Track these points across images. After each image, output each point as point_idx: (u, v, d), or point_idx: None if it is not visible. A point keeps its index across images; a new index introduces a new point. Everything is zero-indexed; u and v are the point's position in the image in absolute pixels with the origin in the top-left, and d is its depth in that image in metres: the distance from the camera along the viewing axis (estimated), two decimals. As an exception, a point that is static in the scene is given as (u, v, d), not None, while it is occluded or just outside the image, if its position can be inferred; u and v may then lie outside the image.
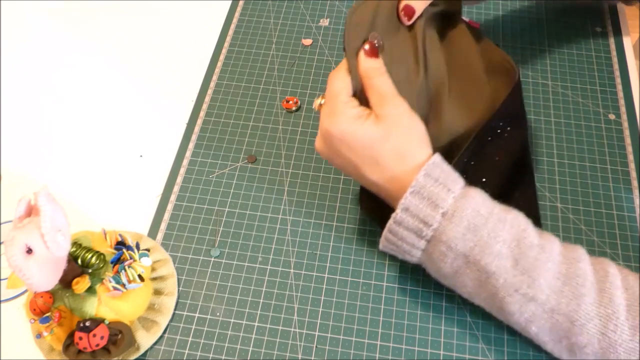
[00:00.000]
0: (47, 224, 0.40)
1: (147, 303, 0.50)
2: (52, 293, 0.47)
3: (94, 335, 0.45)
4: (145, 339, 0.49)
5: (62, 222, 0.43)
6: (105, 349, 0.46)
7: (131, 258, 0.49)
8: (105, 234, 0.50)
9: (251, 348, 0.50)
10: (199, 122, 0.64)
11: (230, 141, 0.62)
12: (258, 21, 0.73)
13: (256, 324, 0.51)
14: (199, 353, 0.49)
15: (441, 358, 0.49)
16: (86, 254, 0.47)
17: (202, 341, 0.50)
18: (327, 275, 0.53)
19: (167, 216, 0.57)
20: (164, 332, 0.50)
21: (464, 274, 0.42)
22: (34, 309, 0.47)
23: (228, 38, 0.71)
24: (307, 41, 0.70)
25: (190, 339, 0.50)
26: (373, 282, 0.53)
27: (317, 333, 0.50)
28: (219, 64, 0.69)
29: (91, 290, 0.47)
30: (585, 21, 0.71)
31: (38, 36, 0.72)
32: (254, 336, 0.50)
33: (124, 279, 0.47)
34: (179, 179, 0.59)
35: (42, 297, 0.47)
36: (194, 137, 0.62)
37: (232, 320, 0.51)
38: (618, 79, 0.66)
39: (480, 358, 0.49)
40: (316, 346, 0.50)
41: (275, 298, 0.52)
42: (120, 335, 0.47)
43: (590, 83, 0.66)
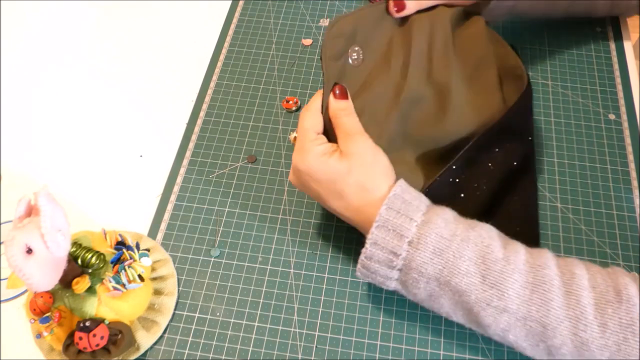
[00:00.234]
0: (47, 224, 0.40)
1: (147, 303, 0.50)
2: (52, 293, 0.47)
3: (94, 335, 0.45)
4: (145, 339, 0.49)
5: (62, 222, 0.43)
6: (105, 349, 0.46)
7: (131, 258, 0.49)
8: (105, 234, 0.50)
9: (251, 348, 0.50)
10: (199, 122, 0.64)
11: (230, 141, 0.62)
12: (258, 21, 0.73)
13: (256, 324, 0.51)
14: (199, 353, 0.49)
15: (441, 358, 0.49)
16: (86, 254, 0.47)
17: (202, 341, 0.50)
18: (327, 275, 0.53)
19: (167, 216, 0.57)
20: (164, 332, 0.50)
21: (439, 296, 0.44)
22: (34, 309, 0.47)
23: (228, 38, 0.71)
24: (307, 41, 0.70)
25: (190, 339, 0.50)
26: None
27: (317, 333, 0.50)
28: (219, 64, 0.69)
29: (91, 290, 0.47)
30: (585, 21, 0.71)
31: (38, 36, 0.72)
32: (254, 336, 0.50)
33: (124, 279, 0.47)
34: (179, 179, 0.59)
35: (42, 297, 0.47)
36: (194, 137, 0.62)
37: (232, 320, 0.51)
38: (618, 79, 0.66)
39: (480, 358, 0.49)
40: (316, 346, 0.50)
41: (275, 298, 0.52)
42: (120, 335, 0.47)
43: (590, 83, 0.66)
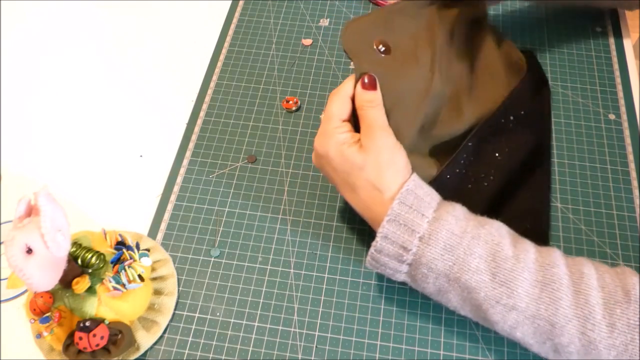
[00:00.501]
0: (47, 224, 0.40)
1: (147, 303, 0.50)
2: (52, 293, 0.47)
3: (94, 335, 0.45)
4: (145, 339, 0.49)
5: (62, 222, 0.43)
6: (105, 349, 0.46)
7: (131, 258, 0.49)
8: (105, 234, 0.50)
9: (251, 348, 0.50)
10: (199, 122, 0.64)
11: (230, 141, 0.62)
12: (258, 21, 0.73)
13: (256, 324, 0.51)
14: (199, 353, 0.49)
15: (441, 358, 0.49)
16: (86, 254, 0.47)
17: (202, 341, 0.50)
18: (327, 275, 0.53)
19: (167, 216, 0.57)
20: (164, 332, 0.50)
21: (448, 291, 0.44)
22: (34, 309, 0.47)
23: (228, 38, 0.71)
24: (307, 41, 0.70)
25: (190, 339, 0.50)
26: (373, 282, 0.53)
27: (317, 333, 0.50)
28: (219, 64, 0.69)
29: (91, 290, 0.47)
30: (585, 21, 0.71)
31: (38, 36, 0.72)
32: (254, 336, 0.50)
33: (124, 279, 0.47)
34: (179, 179, 0.59)
35: (42, 297, 0.47)
36: (194, 137, 0.62)
37: (232, 320, 0.51)
38: (618, 79, 0.66)
39: (480, 358, 0.49)
40: (316, 346, 0.50)
41: (275, 298, 0.52)
42: (120, 335, 0.47)
43: (590, 83, 0.66)
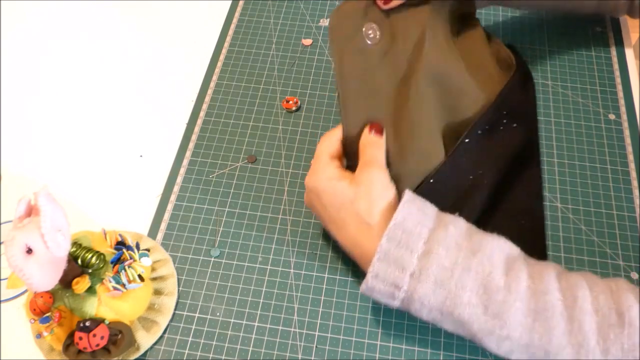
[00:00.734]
0: (47, 224, 0.40)
1: (147, 303, 0.50)
2: (52, 293, 0.47)
3: (94, 335, 0.45)
4: (145, 339, 0.49)
5: (62, 222, 0.43)
6: (105, 349, 0.46)
7: (131, 258, 0.49)
8: (105, 234, 0.50)
9: (251, 348, 0.50)
10: (199, 122, 0.64)
11: (230, 141, 0.62)
12: (258, 21, 0.73)
13: (256, 324, 0.51)
14: (199, 353, 0.49)
15: (441, 358, 0.49)
16: (86, 254, 0.47)
17: (202, 341, 0.50)
18: (327, 275, 0.53)
19: (167, 216, 0.57)
20: (164, 332, 0.50)
21: (442, 322, 0.45)
22: (34, 309, 0.47)
23: (228, 38, 0.71)
24: (307, 41, 0.70)
25: (190, 339, 0.50)
26: (373, 282, 0.53)
27: (317, 333, 0.50)
28: (219, 64, 0.69)
29: (91, 290, 0.47)
30: (585, 21, 0.71)
31: (38, 36, 0.72)
32: (254, 336, 0.50)
33: (124, 279, 0.47)
34: (179, 179, 0.59)
35: (42, 297, 0.47)
36: (194, 137, 0.62)
37: (232, 320, 0.51)
38: (618, 79, 0.66)
39: (480, 358, 0.49)
40: (316, 346, 0.50)
41: (275, 298, 0.52)
42: (120, 335, 0.47)
43: (590, 83, 0.66)
